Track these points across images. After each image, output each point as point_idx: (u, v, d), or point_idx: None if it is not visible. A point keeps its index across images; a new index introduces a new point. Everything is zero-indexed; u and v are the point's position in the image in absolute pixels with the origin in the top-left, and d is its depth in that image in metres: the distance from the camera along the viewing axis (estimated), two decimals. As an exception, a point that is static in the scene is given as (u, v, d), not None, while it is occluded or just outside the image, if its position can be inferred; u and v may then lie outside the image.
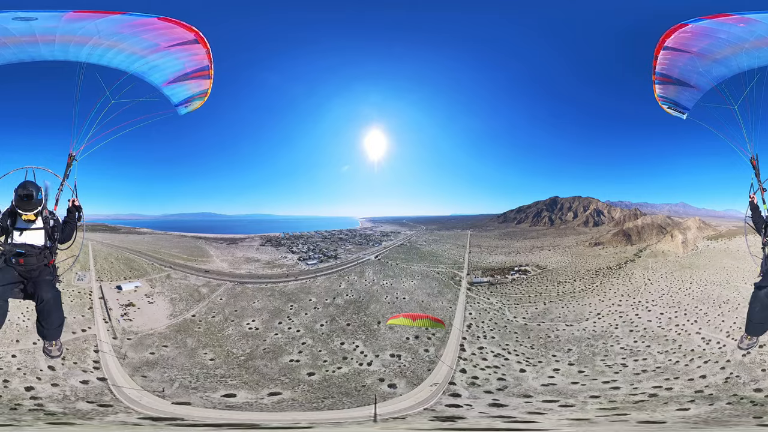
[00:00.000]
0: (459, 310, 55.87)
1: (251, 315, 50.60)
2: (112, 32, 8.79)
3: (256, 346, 44.70)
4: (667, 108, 11.23)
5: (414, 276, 65.25)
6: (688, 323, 48.10)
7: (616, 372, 39.75)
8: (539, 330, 51.12)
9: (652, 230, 76.20)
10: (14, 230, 8.41)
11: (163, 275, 56.71)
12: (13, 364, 33.67)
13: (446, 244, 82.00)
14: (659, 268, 63.65)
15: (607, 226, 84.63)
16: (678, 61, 10.10)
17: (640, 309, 53.70)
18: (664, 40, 9.82)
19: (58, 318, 8.65)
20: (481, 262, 73.55)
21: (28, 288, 8.51)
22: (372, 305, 55.74)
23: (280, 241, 76.47)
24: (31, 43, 8.59)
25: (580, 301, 57.81)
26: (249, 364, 41.05)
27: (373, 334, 49.02)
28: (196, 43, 9.44)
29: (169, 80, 10.06)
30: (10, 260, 8.29)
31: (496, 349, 46.77)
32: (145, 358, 39.03)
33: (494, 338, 49.56)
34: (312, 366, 42.18)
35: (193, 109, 10.84)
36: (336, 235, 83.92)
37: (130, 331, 42.73)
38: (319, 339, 47.44)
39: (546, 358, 44.45)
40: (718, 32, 9.19)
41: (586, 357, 43.85)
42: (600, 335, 48.48)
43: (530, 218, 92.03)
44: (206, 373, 37.99)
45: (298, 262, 68.40)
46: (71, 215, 9.20)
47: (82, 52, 9.06)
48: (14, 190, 8.19)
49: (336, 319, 52.08)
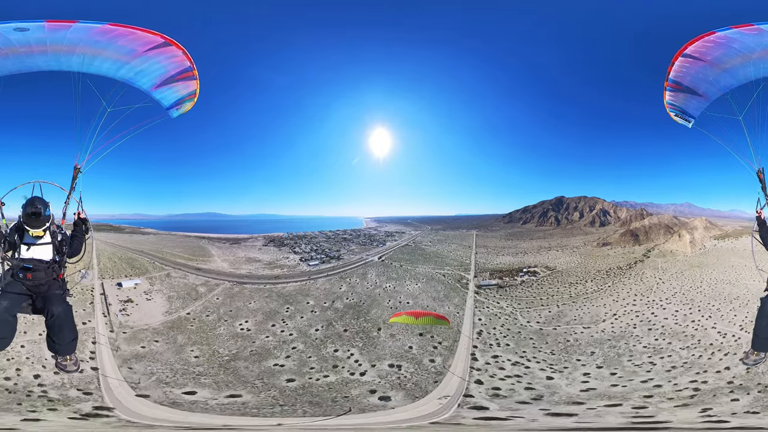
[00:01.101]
0: (467, 316, 52.93)
1: (245, 316, 49.52)
2: (91, 40, 8.91)
3: (243, 348, 43.58)
4: (674, 115, 11.06)
5: (419, 278, 62.83)
6: (703, 319, 47.99)
7: (647, 371, 38.88)
8: (556, 334, 48.92)
9: (660, 230, 75.14)
10: (22, 245, 8.34)
11: (163, 274, 56.45)
12: (22, 353, 34.50)
13: (452, 244, 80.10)
14: (669, 268, 62.93)
15: (614, 226, 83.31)
16: (692, 69, 9.86)
17: (655, 308, 53.04)
18: (686, 47, 9.55)
19: (71, 332, 8.48)
20: (488, 263, 71.31)
21: (37, 303, 8.44)
22: (373, 310, 53.21)
23: (283, 241, 75.19)
24: (29, 54, 8.77)
25: (594, 302, 56.48)
26: (231, 365, 39.93)
27: (371, 341, 46.17)
28: (168, 45, 9.46)
29: (157, 84, 10.10)
30: (18, 275, 8.24)
31: (513, 357, 43.90)
32: (136, 351, 39.56)
33: (509, 345, 46.60)
34: (296, 372, 39.71)
35: (184, 111, 10.88)
36: (340, 235, 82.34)
37: (126, 325, 43.42)
38: (311, 344, 45.21)
39: (570, 363, 42.32)
40: (733, 41, 9.00)
41: (612, 358, 42.50)
42: (620, 336, 47.28)
43: (536, 218, 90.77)
44: (185, 370, 37.95)
45: (299, 263, 66.63)
46: (77, 228, 9.13)
47: (73, 61, 9.21)
48: (22, 206, 8.11)
49: (333, 323, 49.64)
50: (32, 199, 8.17)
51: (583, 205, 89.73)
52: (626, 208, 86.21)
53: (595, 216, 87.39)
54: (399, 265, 67.44)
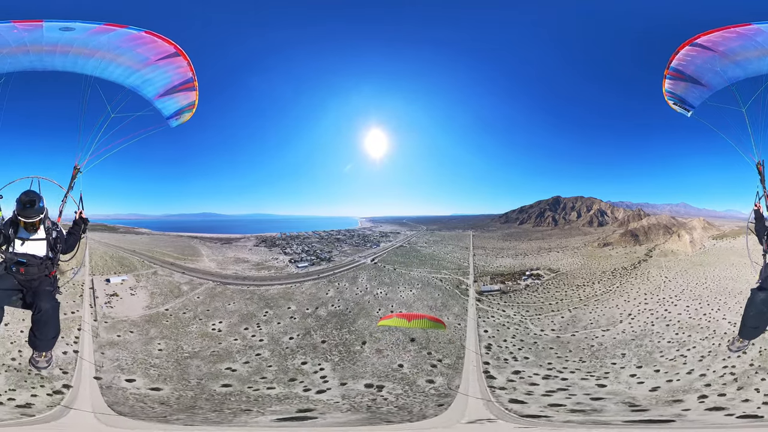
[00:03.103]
0: (471, 328, 47.51)
1: (221, 316, 47.86)
2: (116, 45, 8.90)
3: (207, 347, 42.15)
4: (672, 104, 10.92)
5: (413, 284, 58.22)
6: (713, 312, 47.86)
7: (684, 363, 38.97)
8: (577, 341, 45.50)
9: (659, 230, 73.65)
10: (16, 239, 8.24)
11: (150, 272, 56.19)
12: (21, 337, 35.93)
13: (448, 245, 76.44)
14: (673, 267, 61.96)
15: (612, 227, 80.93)
16: (697, 59, 9.68)
17: (667, 305, 52.17)
18: (699, 37, 9.33)
19: (54, 329, 8.39)
20: (488, 266, 66.99)
21: (27, 297, 8.38)
22: (360, 320, 48.60)
23: (275, 241, 72.01)
24: (50, 53, 8.61)
25: (606, 303, 54.36)
26: (185, 361, 39.24)
27: (351, 356, 41.17)
28: (177, 56, 9.53)
29: (160, 93, 10.17)
30: (11, 268, 8.19)
31: (539, 370, 39.40)
32: (111, 339, 41.12)
33: (528, 358, 41.73)
34: (241, 379, 36.58)
35: (183, 122, 10.91)
36: (333, 235, 78.96)
37: (109, 316, 45.10)
38: (279, 353, 41.47)
39: (606, 367, 40.00)
40: (759, 34, 8.73)
41: (646, 357, 41.13)
42: (642, 334, 45.58)
43: (533, 218, 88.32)
44: (144, 360, 38.69)
45: (288, 265, 62.99)
46: (76, 227, 9.04)
47: (89, 65, 9.18)
48: (16, 199, 8.03)
49: (311, 333, 45.37)
50: (28, 190, 8.15)
51: (581, 205, 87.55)
52: (623, 208, 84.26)
53: (593, 216, 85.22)
54: (392, 268, 63.24)
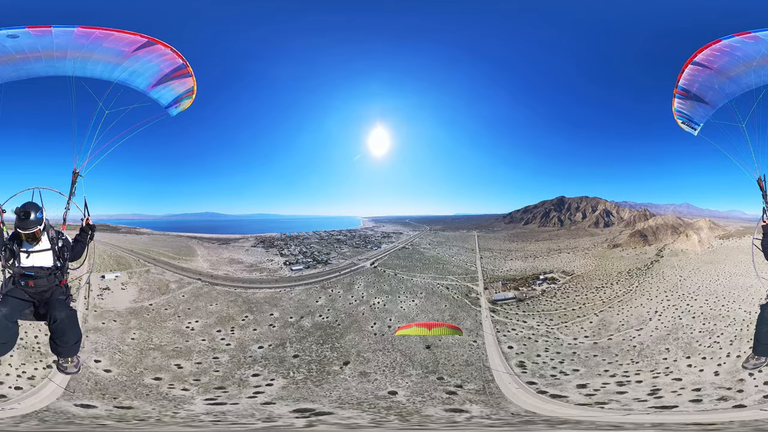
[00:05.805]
0: (490, 344, 41.14)
1: (199, 316, 47.31)
2: (76, 44, 8.48)
3: (173, 342, 42.04)
4: (681, 123, 10.70)
5: (416, 292, 52.67)
6: (729, 303, 49.33)
7: (721, 348, 40.33)
8: (616, 344, 43.31)
9: (667, 230, 71.47)
10: (21, 252, 7.88)
11: (143, 270, 55.74)
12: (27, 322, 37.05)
13: (453, 247, 72.59)
14: (685, 266, 61.03)
15: (618, 227, 78.46)
16: (699, 77, 9.54)
17: (688, 299, 52.29)
18: (696, 55, 9.24)
19: (75, 335, 8.09)
20: (497, 269, 62.15)
21: (40, 309, 8.11)
22: (349, 335, 43.32)
23: (274, 242, 68.59)
24: (25, 60, 8.48)
25: (630, 303, 52.95)
26: (147, 352, 40.21)
27: (321, 377, 35.17)
28: (153, 44, 8.90)
29: (152, 83, 9.60)
30: (20, 283, 7.91)
31: (602, 379, 35.70)
32: (96, 326, 42.89)
33: (578, 370, 37.42)
34: (177, 378, 35.42)
35: (183, 109, 10.29)
36: (334, 236, 75.64)
37: (99, 306, 46.67)
38: (237, 361, 38.10)
39: (659, 363, 39.29)
40: (736, 49, 8.73)
41: (688, 347, 41.73)
42: (674, 328, 46.08)
43: (538, 218, 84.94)
44: (115, 346, 39.89)
45: (282, 267, 59.59)
46: (83, 234, 8.64)
47: (67, 66, 8.83)
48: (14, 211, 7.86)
49: (286, 344, 40.89)
50: (25, 203, 7.74)
51: (585, 206, 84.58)
52: (628, 208, 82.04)
53: (599, 216, 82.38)
54: (393, 273, 57.89)
